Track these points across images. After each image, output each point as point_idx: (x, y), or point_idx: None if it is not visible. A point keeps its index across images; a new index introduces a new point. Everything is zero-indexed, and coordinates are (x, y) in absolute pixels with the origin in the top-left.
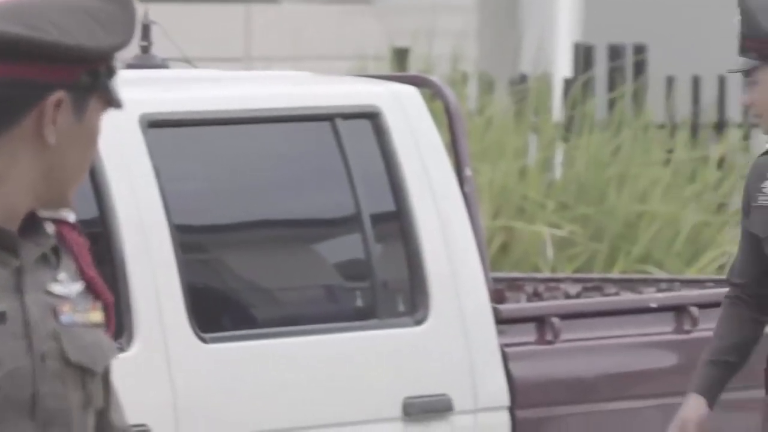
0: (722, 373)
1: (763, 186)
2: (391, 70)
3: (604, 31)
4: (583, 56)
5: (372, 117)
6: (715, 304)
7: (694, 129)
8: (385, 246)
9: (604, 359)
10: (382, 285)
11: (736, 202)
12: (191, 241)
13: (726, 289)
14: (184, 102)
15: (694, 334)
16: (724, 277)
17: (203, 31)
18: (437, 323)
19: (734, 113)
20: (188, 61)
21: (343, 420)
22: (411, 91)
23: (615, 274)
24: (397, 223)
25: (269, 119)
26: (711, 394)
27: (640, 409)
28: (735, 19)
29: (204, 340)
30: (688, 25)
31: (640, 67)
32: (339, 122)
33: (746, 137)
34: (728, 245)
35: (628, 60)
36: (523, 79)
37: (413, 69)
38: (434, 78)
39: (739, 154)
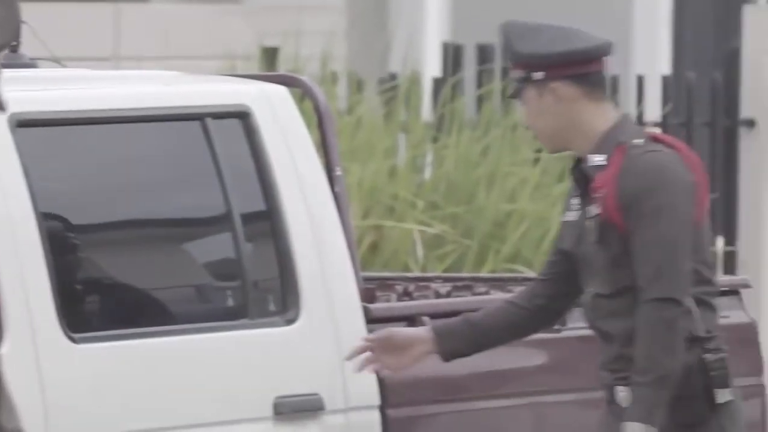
0: (463, 327)
1: (572, 202)
2: (261, 69)
3: (472, 30)
4: (452, 56)
5: (242, 116)
6: None
7: None
8: (256, 245)
9: (475, 358)
10: (253, 284)
11: None
12: (61, 240)
13: None
14: (53, 102)
15: (564, 333)
16: None
17: (72, 30)
18: (308, 323)
19: None
20: (57, 61)
21: (214, 420)
22: (281, 91)
23: (485, 274)
24: (267, 223)
25: (139, 119)
26: (440, 333)
27: (511, 407)
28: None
29: (74, 340)
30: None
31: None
32: (209, 122)
33: None
34: None
35: (497, 59)
36: (392, 78)
37: (282, 69)
38: (303, 77)
39: None
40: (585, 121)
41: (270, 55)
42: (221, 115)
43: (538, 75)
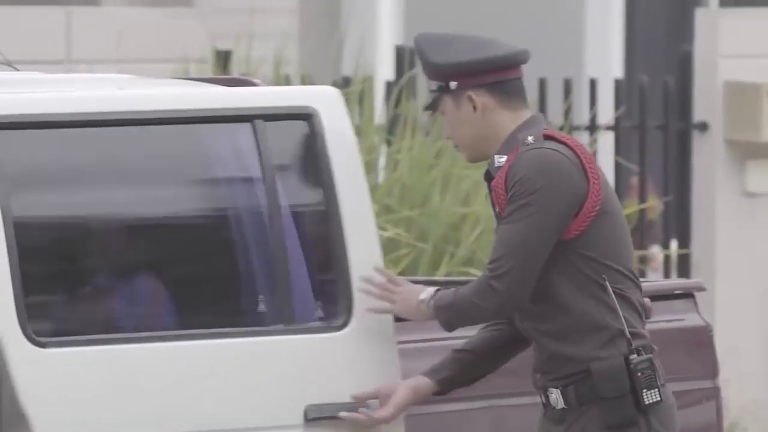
0: (455, 358)
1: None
2: (214, 72)
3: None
4: (405, 59)
5: (307, 118)
6: None
7: None
8: (313, 249)
9: (429, 360)
10: (299, 288)
11: None
12: (29, 243)
13: None
14: (8, 105)
15: None
16: None
17: (23, 33)
18: (357, 329)
19: (555, 116)
20: (9, 64)
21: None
22: (337, 93)
23: (439, 277)
24: (325, 226)
25: (123, 122)
26: (435, 372)
27: (465, 411)
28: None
29: (42, 345)
30: (508, 27)
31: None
32: (274, 123)
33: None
34: None
35: None
36: (345, 81)
37: (236, 71)
38: (257, 80)
39: None
40: (502, 129)
41: (223, 58)
42: (286, 116)
43: (453, 84)
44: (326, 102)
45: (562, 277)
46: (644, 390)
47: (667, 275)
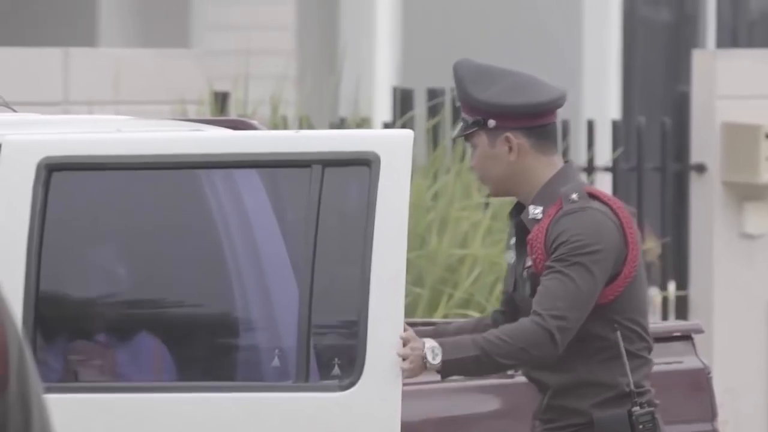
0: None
1: (511, 243)
2: (212, 114)
3: (422, 74)
4: (402, 100)
5: (368, 163)
6: None
7: None
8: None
9: (429, 404)
10: (317, 344)
11: None
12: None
13: None
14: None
15: (517, 378)
16: None
17: (20, 74)
18: (367, 387)
19: None
20: (7, 105)
21: None
22: (409, 136)
23: (437, 319)
24: (353, 279)
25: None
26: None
27: None
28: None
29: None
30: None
31: (459, 111)
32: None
33: None
34: None
35: (447, 103)
36: (342, 123)
37: (233, 113)
38: (254, 121)
39: None
40: (533, 171)
41: (221, 99)
42: (348, 162)
43: (492, 123)
44: (392, 147)
45: (581, 341)
46: None
47: (665, 317)
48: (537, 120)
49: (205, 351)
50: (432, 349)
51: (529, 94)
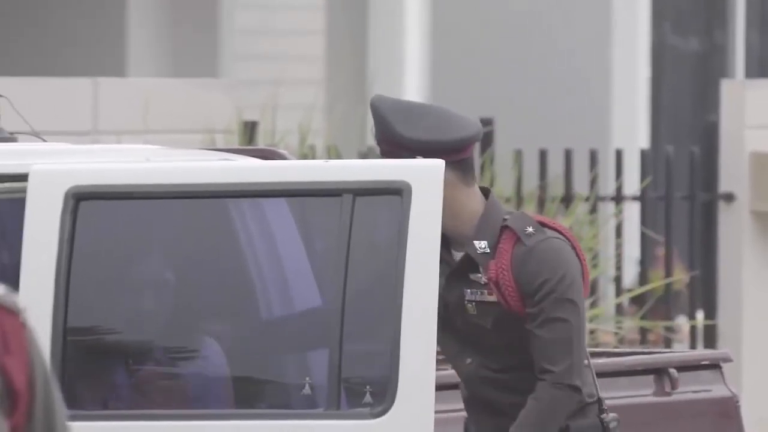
0: None
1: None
2: (240, 143)
3: (450, 104)
4: None
5: (400, 193)
6: None
7: (542, 202)
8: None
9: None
10: (348, 372)
11: None
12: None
13: None
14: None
15: None
16: None
17: (50, 104)
18: (398, 416)
19: (581, 186)
20: (37, 135)
21: None
22: (439, 166)
23: None
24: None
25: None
26: None
27: None
28: (371, 128)
29: None
30: (535, 98)
31: (487, 141)
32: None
33: (593, 210)
34: None
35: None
36: (370, 152)
37: (262, 142)
38: (283, 151)
39: (586, 226)
40: (461, 204)
41: (249, 128)
42: (379, 191)
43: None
44: (423, 176)
45: None
46: None
47: (693, 346)
48: (462, 154)
49: (236, 379)
50: None
51: (454, 129)
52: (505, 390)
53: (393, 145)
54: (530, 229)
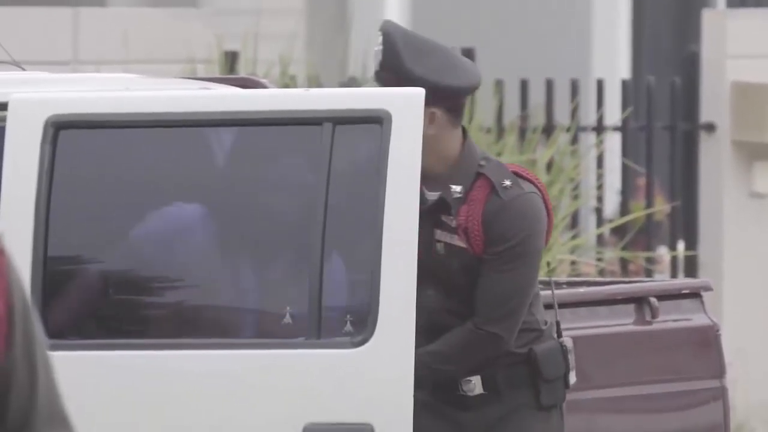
0: None
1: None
2: (221, 73)
3: (431, 35)
4: None
5: (380, 121)
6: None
7: (522, 132)
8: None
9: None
10: (328, 302)
11: (565, 205)
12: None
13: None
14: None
15: None
16: (549, 278)
17: (30, 34)
18: (378, 346)
19: (562, 117)
20: (16, 64)
21: None
22: (420, 95)
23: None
24: (366, 234)
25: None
26: None
27: None
28: (375, 47)
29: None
30: (515, 28)
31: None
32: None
33: (574, 141)
34: (557, 249)
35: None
36: (352, 82)
37: (243, 72)
38: (264, 80)
39: (567, 157)
40: (444, 145)
41: (230, 58)
42: (359, 119)
43: None
44: (403, 105)
45: None
46: (571, 371)
47: (674, 276)
48: (458, 101)
49: (216, 309)
50: None
51: (459, 77)
52: (465, 318)
53: (396, 76)
54: (507, 182)
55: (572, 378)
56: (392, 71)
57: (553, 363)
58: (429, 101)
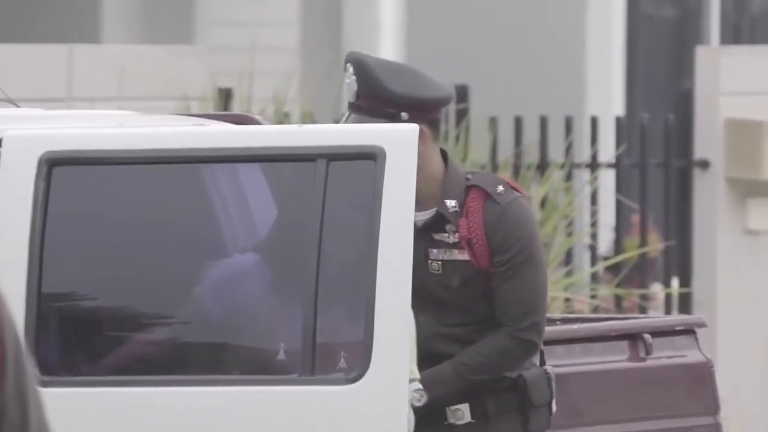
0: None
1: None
2: (216, 110)
3: (425, 71)
4: None
5: (374, 157)
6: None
7: (517, 169)
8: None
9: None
10: (322, 339)
11: (559, 242)
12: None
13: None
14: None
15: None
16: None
17: (24, 71)
18: (373, 382)
19: (556, 154)
20: (11, 101)
21: None
22: (414, 130)
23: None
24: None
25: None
26: None
27: None
28: (347, 80)
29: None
30: (509, 64)
31: (462, 111)
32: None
33: (568, 178)
34: (551, 286)
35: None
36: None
37: (237, 109)
38: (257, 116)
39: (561, 194)
40: (432, 162)
41: (224, 95)
42: (353, 156)
43: (405, 116)
44: (397, 141)
45: (492, 317)
46: (554, 399)
47: (668, 313)
48: (438, 113)
49: (211, 346)
50: (417, 393)
51: (436, 89)
52: (458, 342)
53: (376, 99)
54: (500, 188)
55: (554, 406)
56: (372, 96)
57: (541, 389)
58: (412, 119)
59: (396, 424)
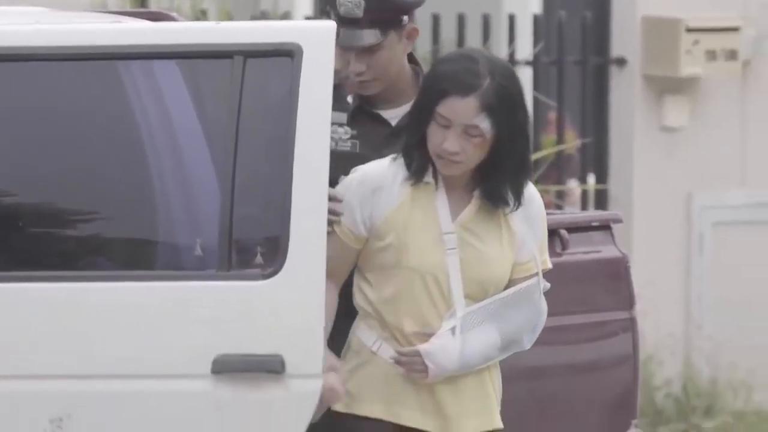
0: None
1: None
2: (132, 6)
3: None
4: None
5: (291, 54)
6: None
7: None
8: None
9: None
10: (238, 234)
11: None
12: None
13: None
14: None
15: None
16: None
17: None
18: (288, 278)
19: None
20: None
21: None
22: (331, 27)
23: None
24: (275, 168)
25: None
26: None
27: None
28: (347, 2)
29: None
30: None
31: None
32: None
33: None
34: None
35: None
36: (264, 16)
37: (154, 5)
38: (174, 14)
39: None
40: (404, 64)
41: None
42: (270, 53)
43: (405, 19)
44: (315, 39)
45: None
46: None
47: (584, 210)
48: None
49: (127, 241)
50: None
51: None
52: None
53: (390, 11)
54: None
55: None
56: (384, 8)
57: None
58: (409, 21)
59: (312, 319)
